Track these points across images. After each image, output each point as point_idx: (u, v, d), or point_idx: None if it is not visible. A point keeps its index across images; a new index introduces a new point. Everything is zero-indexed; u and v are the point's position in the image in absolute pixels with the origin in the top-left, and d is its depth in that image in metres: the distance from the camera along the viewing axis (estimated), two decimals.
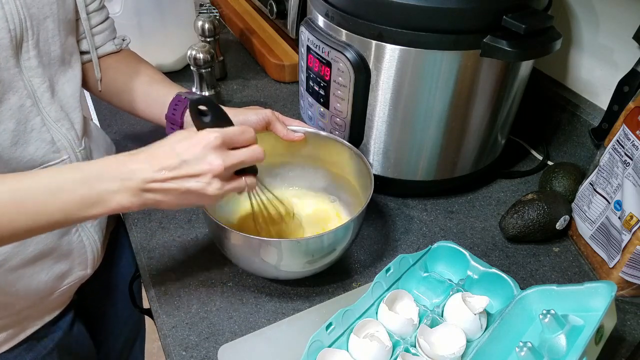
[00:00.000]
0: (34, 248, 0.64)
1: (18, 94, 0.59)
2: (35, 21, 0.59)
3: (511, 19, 0.64)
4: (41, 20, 0.60)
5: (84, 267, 0.73)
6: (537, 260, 0.75)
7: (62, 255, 0.68)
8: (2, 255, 0.61)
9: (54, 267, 0.68)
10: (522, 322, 0.61)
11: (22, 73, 0.59)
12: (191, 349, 0.62)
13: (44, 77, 0.62)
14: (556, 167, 0.85)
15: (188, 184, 0.52)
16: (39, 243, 0.64)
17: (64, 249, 0.68)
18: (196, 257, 0.73)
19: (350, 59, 0.71)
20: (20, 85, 0.59)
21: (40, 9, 0.60)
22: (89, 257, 0.72)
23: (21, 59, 0.59)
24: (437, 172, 0.80)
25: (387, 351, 0.57)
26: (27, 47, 0.59)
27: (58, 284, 0.70)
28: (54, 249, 0.66)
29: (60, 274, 0.69)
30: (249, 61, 1.22)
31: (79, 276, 0.73)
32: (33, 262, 0.65)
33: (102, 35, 0.76)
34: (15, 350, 0.69)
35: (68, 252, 0.69)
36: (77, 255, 0.70)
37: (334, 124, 0.79)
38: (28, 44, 0.59)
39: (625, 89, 0.77)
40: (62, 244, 0.67)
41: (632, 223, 0.64)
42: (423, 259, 0.68)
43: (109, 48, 0.78)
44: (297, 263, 0.64)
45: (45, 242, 0.65)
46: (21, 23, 0.57)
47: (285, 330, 0.63)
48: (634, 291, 0.69)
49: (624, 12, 0.79)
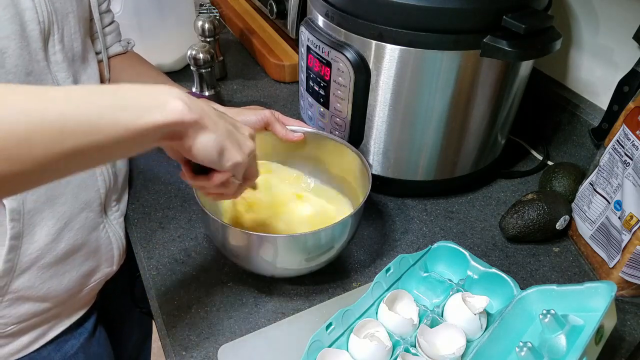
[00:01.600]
0: (65, 244, 0.66)
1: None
2: (60, 16, 0.61)
3: (511, 19, 0.64)
4: (64, 15, 0.62)
5: (110, 264, 0.75)
6: (537, 260, 0.75)
7: (91, 251, 0.70)
8: (35, 252, 0.63)
9: (84, 264, 0.70)
10: (522, 322, 0.61)
11: (50, 66, 0.61)
12: (191, 349, 0.62)
13: (68, 72, 0.63)
14: (556, 167, 0.85)
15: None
16: (70, 239, 0.66)
17: (92, 245, 0.70)
18: (196, 257, 0.73)
19: (350, 59, 0.71)
20: (49, 78, 0.61)
21: (62, 4, 0.61)
22: (115, 253, 0.74)
23: (48, 52, 0.60)
24: (437, 172, 0.80)
25: (387, 351, 0.57)
26: (54, 42, 0.60)
27: (86, 281, 0.71)
28: (83, 244, 0.68)
29: (89, 270, 0.71)
30: (249, 61, 1.22)
31: (105, 273, 0.74)
32: (64, 259, 0.67)
33: (111, 36, 0.78)
34: (44, 349, 0.71)
35: (96, 249, 0.71)
36: (104, 251, 0.72)
37: (334, 124, 0.79)
38: (54, 38, 0.60)
39: (625, 89, 0.77)
40: (90, 240, 0.69)
41: (632, 223, 0.64)
42: (423, 259, 0.68)
43: (117, 49, 0.79)
44: (294, 260, 0.64)
45: (75, 237, 0.67)
46: (49, 16, 0.59)
47: (285, 330, 0.63)
48: (634, 291, 0.69)
49: (624, 12, 0.79)
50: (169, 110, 0.43)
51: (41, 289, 0.65)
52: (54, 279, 0.66)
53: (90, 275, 0.72)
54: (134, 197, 0.82)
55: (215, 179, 0.51)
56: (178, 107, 0.43)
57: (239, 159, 0.50)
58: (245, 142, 0.51)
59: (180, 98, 0.44)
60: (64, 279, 0.68)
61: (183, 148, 0.46)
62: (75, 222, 0.67)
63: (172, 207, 0.81)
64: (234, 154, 0.49)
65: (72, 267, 0.68)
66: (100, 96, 0.41)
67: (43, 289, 0.66)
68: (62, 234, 0.65)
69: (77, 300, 0.72)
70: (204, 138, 0.46)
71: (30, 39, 0.57)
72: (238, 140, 0.50)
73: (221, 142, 0.48)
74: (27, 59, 0.57)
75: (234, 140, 0.50)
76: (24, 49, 0.57)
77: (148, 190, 0.84)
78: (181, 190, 0.84)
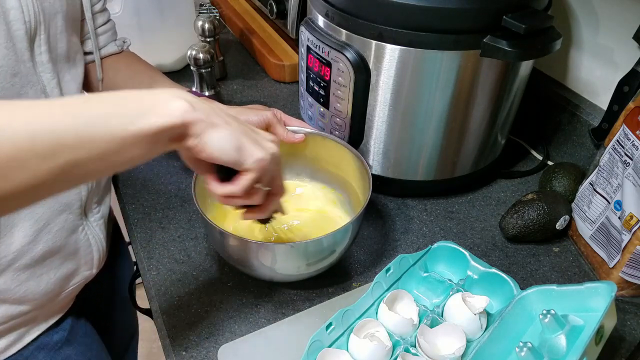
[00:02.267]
0: (43, 246, 0.64)
1: (34, 89, 0.59)
2: (47, 16, 0.60)
3: (511, 19, 0.64)
4: (52, 15, 0.61)
5: (90, 267, 0.73)
6: (537, 260, 0.75)
7: (69, 254, 0.68)
8: (12, 254, 0.61)
9: (62, 266, 0.68)
10: (522, 322, 0.61)
11: (35, 67, 0.60)
12: (191, 349, 0.62)
13: (53, 73, 0.62)
14: (556, 167, 0.85)
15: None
16: (48, 241, 0.64)
17: (71, 247, 0.68)
18: (196, 257, 0.73)
19: (350, 59, 0.71)
20: (35, 79, 0.60)
21: (51, 4, 0.60)
22: (94, 256, 0.73)
23: (34, 52, 0.59)
24: (437, 172, 0.80)
25: (387, 351, 0.57)
26: (40, 42, 0.59)
27: (65, 284, 0.70)
28: (61, 247, 0.67)
29: (68, 273, 0.69)
30: (249, 61, 1.22)
31: (85, 276, 0.73)
32: (42, 262, 0.65)
33: (105, 36, 0.77)
34: (25, 350, 0.70)
35: (75, 251, 0.69)
36: (83, 254, 0.71)
37: (334, 124, 0.79)
38: (40, 39, 0.59)
39: (625, 89, 0.77)
40: (69, 242, 0.68)
41: (632, 223, 0.64)
42: (423, 259, 0.68)
43: (111, 49, 0.78)
44: (294, 266, 0.64)
45: (53, 240, 0.65)
46: (36, 16, 0.58)
47: (285, 330, 0.63)
48: (634, 291, 0.69)
49: (624, 12, 0.79)
50: (170, 111, 0.42)
51: (18, 291, 0.64)
52: (31, 281, 0.65)
53: (69, 278, 0.70)
54: (134, 197, 0.82)
55: (241, 182, 0.49)
56: (180, 107, 0.42)
57: (261, 154, 0.48)
58: (265, 142, 0.49)
59: (183, 97, 0.43)
60: (41, 282, 0.66)
61: (196, 150, 0.45)
62: (54, 224, 0.65)
63: (172, 207, 0.81)
64: (253, 150, 0.47)
65: (50, 269, 0.67)
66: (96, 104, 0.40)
67: (20, 291, 0.64)
68: (40, 236, 0.63)
69: (55, 303, 0.71)
70: (217, 134, 0.44)
71: (15, 39, 0.56)
72: (256, 139, 0.48)
73: (237, 137, 0.46)
74: (13, 60, 0.56)
75: (252, 138, 0.48)
76: (9, 49, 0.56)
77: (148, 190, 0.84)
78: (181, 190, 0.84)
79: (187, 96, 0.43)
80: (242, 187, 0.49)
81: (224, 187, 0.50)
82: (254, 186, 0.50)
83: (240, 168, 0.48)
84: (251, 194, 0.51)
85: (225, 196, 0.51)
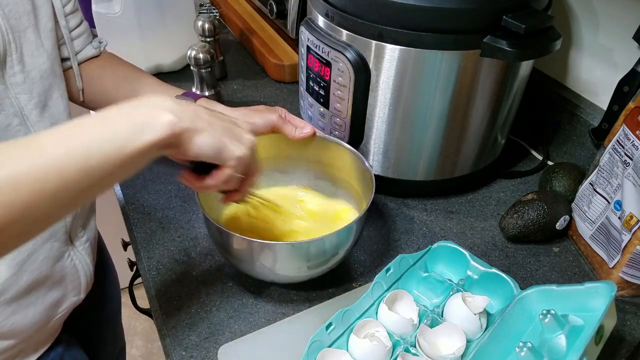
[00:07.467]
0: (28, 277, 0.61)
1: (4, 113, 0.55)
2: (17, 33, 0.56)
3: (511, 19, 0.64)
4: (22, 31, 0.56)
5: (77, 292, 0.70)
6: (537, 260, 0.75)
7: (56, 282, 0.65)
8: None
9: (48, 295, 0.65)
10: (522, 322, 0.61)
11: (8, 90, 0.55)
12: (191, 349, 0.62)
13: (31, 94, 0.58)
14: (556, 167, 0.85)
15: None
16: (33, 272, 0.61)
17: (57, 275, 0.65)
18: (196, 257, 0.73)
19: (350, 59, 0.71)
20: (7, 103, 0.56)
21: (18, 19, 0.56)
22: (82, 281, 0.70)
23: (6, 75, 0.55)
24: (437, 172, 0.80)
25: (387, 351, 0.57)
26: (12, 62, 0.55)
27: (53, 312, 0.67)
28: (47, 276, 0.64)
29: (55, 302, 0.66)
30: (249, 61, 1.22)
31: (72, 302, 0.70)
32: (27, 293, 0.62)
33: (80, 39, 0.72)
34: None
35: (61, 279, 0.66)
36: (70, 280, 0.68)
37: (334, 124, 0.79)
38: (12, 59, 0.55)
39: (625, 89, 0.77)
40: (55, 270, 0.64)
41: (632, 223, 0.64)
42: (423, 259, 0.68)
43: (89, 52, 0.73)
44: (295, 267, 0.63)
45: (39, 269, 0.62)
46: (4, 35, 0.54)
47: (285, 330, 0.63)
48: (634, 291, 0.69)
49: (624, 12, 0.79)
50: (159, 127, 0.44)
51: (4, 325, 0.61)
52: (18, 314, 0.61)
53: (56, 306, 0.67)
54: (134, 197, 0.82)
55: (219, 176, 0.52)
56: (167, 120, 0.44)
57: (240, 152, 0.51)
58: (244, 136, 0.52)
59: (168, 109, 0.45)
60: (28, 313, 0.63)
61: (184, 154, 0.47)
62: (39, 254, 0.61)
63: (172, 207, 0.81)
64: (234, 149, 0.50)
65: (37, 299, 0.63)
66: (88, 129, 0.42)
67: (6, 325, 0.61)
68: (25, 267, 0.60)
69: (43, 332, 0.68)
70: (201, 138, 0.47)
71: None
72: (236, 135, 0.51)
73: (219, 139, 0.49)
74: None
75: (233, 135, 0.51)
76: None
77: (148, 190, 0.84)
78: (181, 190, 0.84)
79: (170, 105, 0.45)
80: (221, 181, 0.52)
81: (203, 182, 0.53)
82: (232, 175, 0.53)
83: (221, 164, 0.51)
84: (228, 182, 0.53)
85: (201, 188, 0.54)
